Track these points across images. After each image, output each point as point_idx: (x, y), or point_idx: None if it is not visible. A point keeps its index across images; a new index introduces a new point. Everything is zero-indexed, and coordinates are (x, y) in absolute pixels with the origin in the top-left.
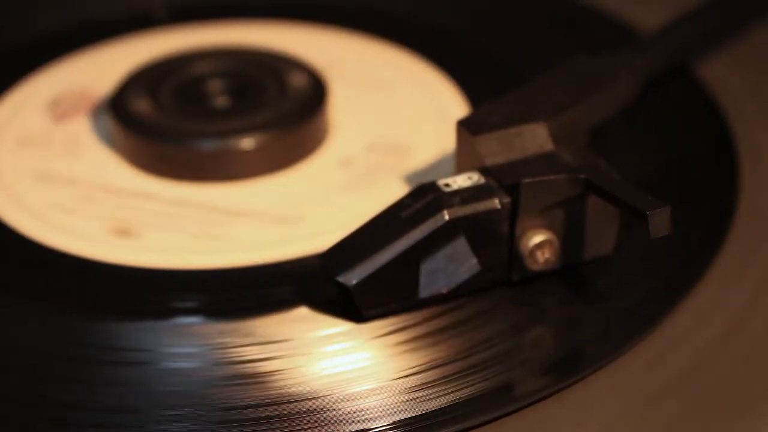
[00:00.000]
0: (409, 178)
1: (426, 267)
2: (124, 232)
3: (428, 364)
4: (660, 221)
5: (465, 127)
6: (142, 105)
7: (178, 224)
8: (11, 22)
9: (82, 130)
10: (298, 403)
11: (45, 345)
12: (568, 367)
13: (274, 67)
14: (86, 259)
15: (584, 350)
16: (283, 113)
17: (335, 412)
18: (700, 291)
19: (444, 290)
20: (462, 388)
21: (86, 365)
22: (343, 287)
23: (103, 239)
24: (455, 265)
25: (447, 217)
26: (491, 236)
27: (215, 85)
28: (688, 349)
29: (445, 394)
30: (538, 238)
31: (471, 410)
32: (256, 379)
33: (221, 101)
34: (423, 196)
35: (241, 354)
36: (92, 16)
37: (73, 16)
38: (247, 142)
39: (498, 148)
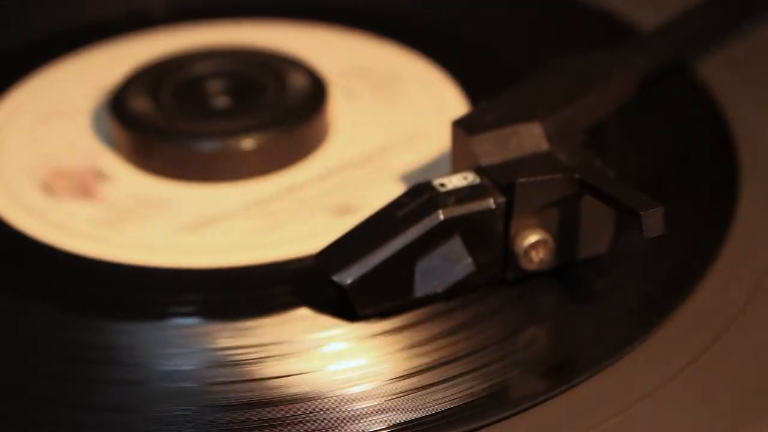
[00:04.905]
0: (406, 178)
1: (421, 266)
2: (122, 232)
3: (423, 367)
4: (654, 221)
5: (461, 126)
6: (142, 105)
7: (177, 224)
8: (11, 22)
9: (81, 130)
10: (293, 405)
11: (40, 344)
12: (564, 370)
13: (274, 67)
14: (82, 257)
15: (581, 353)
16: (283, 113)
17: (331, 414)
18: (700, 292)
19: (439, 289)
20: (458, 391)
21: (82, 365)
22: (338, 286)
23: (100, 238)
24: (450, 264)
25: (442, 217)
26: (486, 236)
27: (215, 85)
28: (687, 351)
29: (441, 397)
30: (533, 237)
31: (467, 413)
32: (253, 380)
33: (221, 101)
34: (418, 196)
35: (237, 354)
36: (92, 16)
37: (73, 16)
38: (247, 142)
39: (493, 148)
